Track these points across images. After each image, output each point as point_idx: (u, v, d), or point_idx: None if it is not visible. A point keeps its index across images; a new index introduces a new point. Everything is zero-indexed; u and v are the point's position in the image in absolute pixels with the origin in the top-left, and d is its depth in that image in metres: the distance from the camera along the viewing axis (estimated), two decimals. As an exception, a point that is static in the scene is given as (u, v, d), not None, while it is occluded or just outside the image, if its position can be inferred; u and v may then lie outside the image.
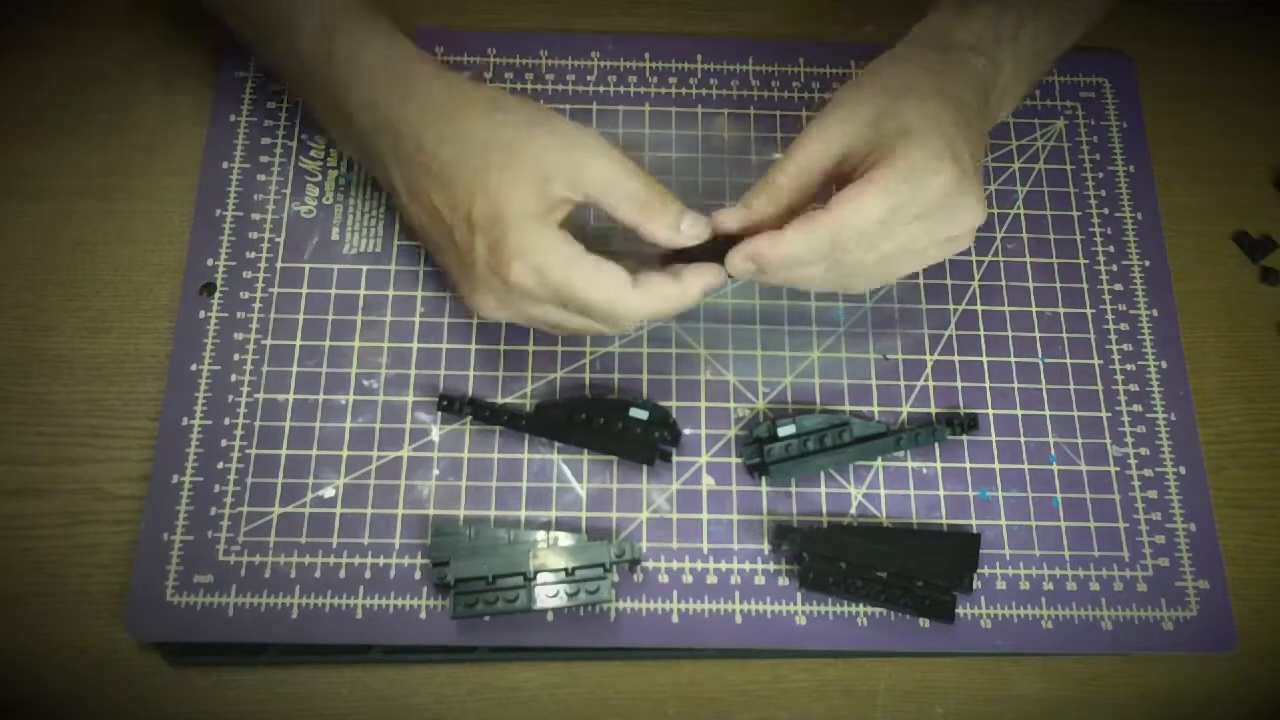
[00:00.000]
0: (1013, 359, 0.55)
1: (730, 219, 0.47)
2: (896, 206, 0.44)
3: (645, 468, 0.52)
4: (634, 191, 0.46)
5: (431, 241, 0.49)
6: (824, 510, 0.52)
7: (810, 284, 0.48)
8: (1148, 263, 0.58)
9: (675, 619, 0.50)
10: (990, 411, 0.54)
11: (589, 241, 0.46)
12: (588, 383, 0.54)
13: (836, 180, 0.46)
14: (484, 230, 0.45)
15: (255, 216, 0.56)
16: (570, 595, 0.48)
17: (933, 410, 0.54)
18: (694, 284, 0.46)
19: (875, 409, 0.54)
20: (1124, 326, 0.56)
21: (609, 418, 0.51)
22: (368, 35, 0.48)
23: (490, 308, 0.47)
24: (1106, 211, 0.59)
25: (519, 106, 0.47)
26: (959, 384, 0.54)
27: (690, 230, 0.46)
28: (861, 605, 0.50)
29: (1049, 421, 0.54)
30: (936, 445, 0.53)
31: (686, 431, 0.53)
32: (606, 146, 0.46)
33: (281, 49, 0.50)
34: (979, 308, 0.56)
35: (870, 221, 0.44)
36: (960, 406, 0.54)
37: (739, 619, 0.50)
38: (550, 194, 0.45)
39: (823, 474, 0.52)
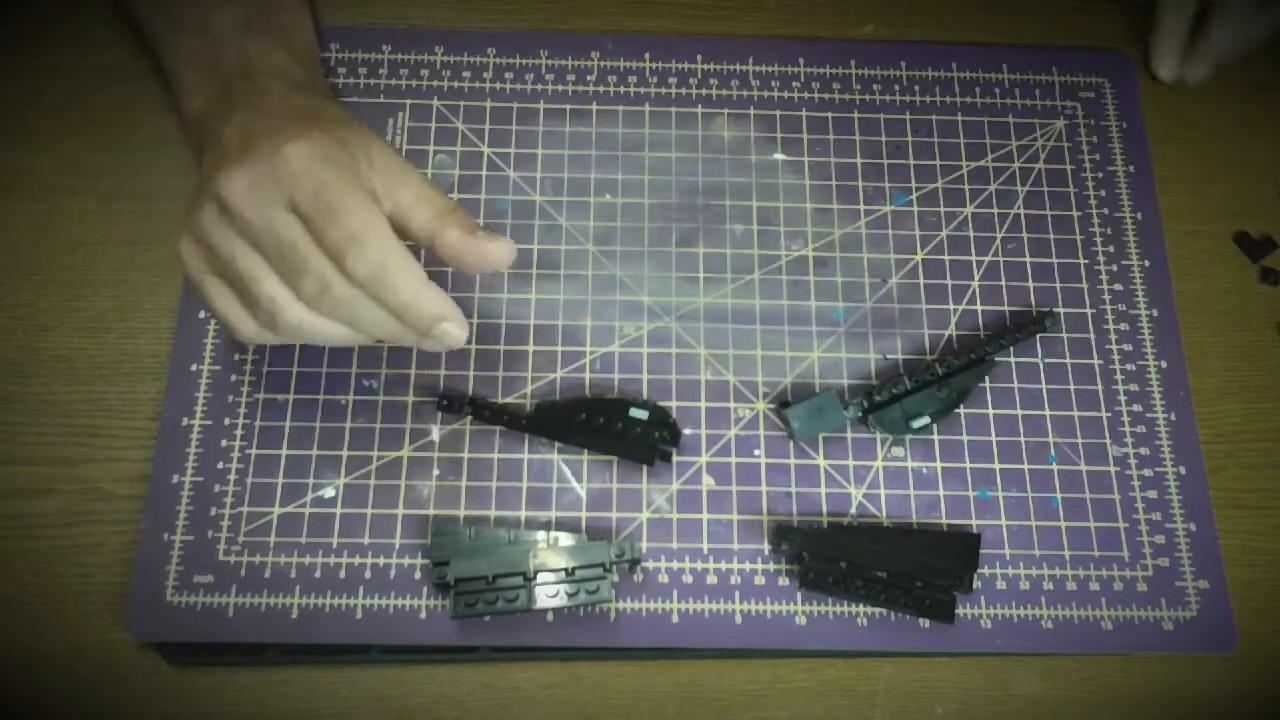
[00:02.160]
0: (1013, 359, 0.55)
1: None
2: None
3: (645, 468, 0.52)
4: (443, 203, 0.44)
5: (222, 147, 0.45)
6: (824, 510, 0.52)
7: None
8: (1148, 263, 0.58)
9: (675, 619, 0.50)
10: (990, 412, 0.54)
11: None
12: (588, 383, 0.54)
13: None
14: (289, 128, 0.43)
15: (255, 216, 0.56)
16: (570, 595, 0.48)
17: (1006, 309, 0.56)
18: (442, 303, 0.43)
19: (875, 409, 0.54)
20: (1124, 326, 0.56)
21: (609, 418, 0.51)
22: (280, 47, 0.52)
23: (238, 182, 0.42)
24: (1106, 211, 0.59)
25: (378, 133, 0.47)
26: (959, 384, 0.55)
27: (492, 248, 0.44)
28: (861, 605, 0.50)
29: (1049, 421, 0.54)
30: (936, 444, 0.53)
31: (687, 431, 0.53)
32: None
33: (186, 38, 0.53)
34: (979, 307, 0.56)
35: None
36: (961, 406, 0.54)
37: (739, 619, 0.50)
38: (366, 158, 0.44)
39: (823, 474, 0.52)
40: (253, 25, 0.53)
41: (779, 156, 0.59)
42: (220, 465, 0.51)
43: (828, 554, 0.50)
